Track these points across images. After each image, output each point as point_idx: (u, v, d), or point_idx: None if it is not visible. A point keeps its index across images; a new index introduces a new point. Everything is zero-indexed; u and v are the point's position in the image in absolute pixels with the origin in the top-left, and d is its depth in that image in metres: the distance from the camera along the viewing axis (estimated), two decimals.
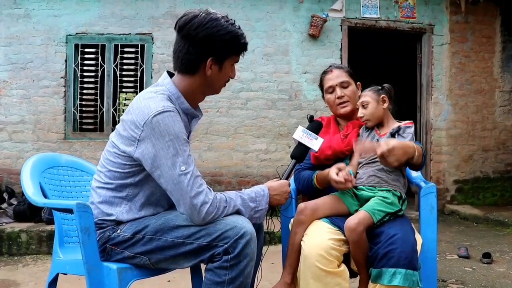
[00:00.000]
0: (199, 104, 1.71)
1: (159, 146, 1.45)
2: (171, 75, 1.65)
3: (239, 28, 1.59)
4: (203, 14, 1.53)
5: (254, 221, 1.58)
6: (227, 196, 1.54)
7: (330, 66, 2.20)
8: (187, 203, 1.45)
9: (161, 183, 1.49)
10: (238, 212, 1.54)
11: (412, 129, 1.89)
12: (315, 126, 1.85)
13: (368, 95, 1.95)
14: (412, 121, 1.95)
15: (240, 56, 1.64)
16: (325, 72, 2.16)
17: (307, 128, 1.83)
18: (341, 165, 1.85)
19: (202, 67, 1.57)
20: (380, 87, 1.97)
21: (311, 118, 1.90)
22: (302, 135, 1.80)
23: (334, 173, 1.81)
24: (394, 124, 1.94)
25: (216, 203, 1.48)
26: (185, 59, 1.56)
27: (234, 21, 1.59)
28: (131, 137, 1.50)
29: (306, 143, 1.79)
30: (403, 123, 1.93)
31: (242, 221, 1.48)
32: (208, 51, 1.54)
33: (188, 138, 1.61)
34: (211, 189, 1.52)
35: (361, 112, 1.95)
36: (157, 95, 1.53)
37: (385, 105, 1.94)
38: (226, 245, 1.44)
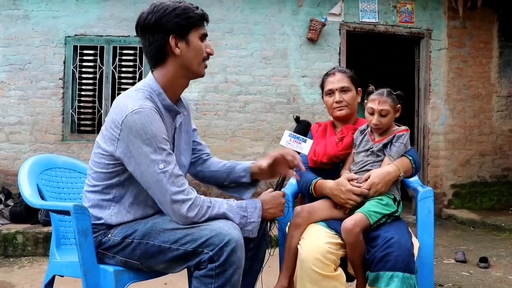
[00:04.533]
0: (190, 102, 1.68)
1: (137, 145, 1.45)
2: None
3: (191, 4, 1.57)
4: (151, 6, 1.55)
5: (247, 234, 1.53)
6: (212, 198, 1.52)
7: (334, 68, 2.15)
8: (167, 201, 1.44)
9: (142, 182, 1.48)
10: (226, 218, 1.50)
11: (404, 138, 1.85)
12: (302, 128, 1.76)
13: (388, 103, 1.85)
14: (407, 127, 1.92)
15: (206, 27, 1.60)
16: (327, 74, 2.11)
17: (294, 131, 1.74)
18: (350, 175, 1.85)
19: (169, 50, 1.55)
20: (395, 94, 1.89)
21: (297, 119, 1.79)
22: (290, 139, 1.71)
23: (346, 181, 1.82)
24: (393, 128, 1.93)
25: (199, 202, 1.46)
26: (151, 51, 1.56)
27: (185, 1, 1.58)
28: (112, 136, 1.50)
29: (295, 148, 1.71)
30: (398, 130, 1.90)
31: (228, 228, 1.44)
32: (166, 31, 1.53)
33: (174, 135, 1.61)
34: (194, 189, 1.50)
35: (377, 120, 1.85)
36: (137, 93, 1.53)
37: (397, 114, 1.90)
38: (211, 253, 1.40)
